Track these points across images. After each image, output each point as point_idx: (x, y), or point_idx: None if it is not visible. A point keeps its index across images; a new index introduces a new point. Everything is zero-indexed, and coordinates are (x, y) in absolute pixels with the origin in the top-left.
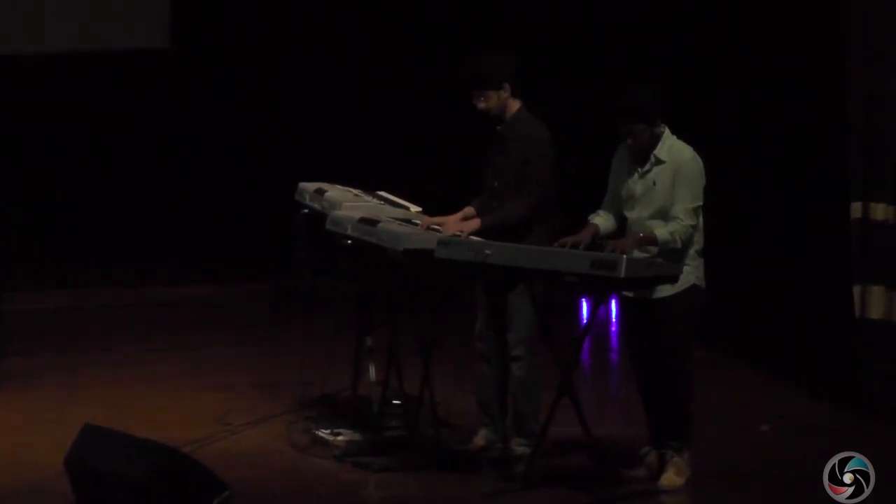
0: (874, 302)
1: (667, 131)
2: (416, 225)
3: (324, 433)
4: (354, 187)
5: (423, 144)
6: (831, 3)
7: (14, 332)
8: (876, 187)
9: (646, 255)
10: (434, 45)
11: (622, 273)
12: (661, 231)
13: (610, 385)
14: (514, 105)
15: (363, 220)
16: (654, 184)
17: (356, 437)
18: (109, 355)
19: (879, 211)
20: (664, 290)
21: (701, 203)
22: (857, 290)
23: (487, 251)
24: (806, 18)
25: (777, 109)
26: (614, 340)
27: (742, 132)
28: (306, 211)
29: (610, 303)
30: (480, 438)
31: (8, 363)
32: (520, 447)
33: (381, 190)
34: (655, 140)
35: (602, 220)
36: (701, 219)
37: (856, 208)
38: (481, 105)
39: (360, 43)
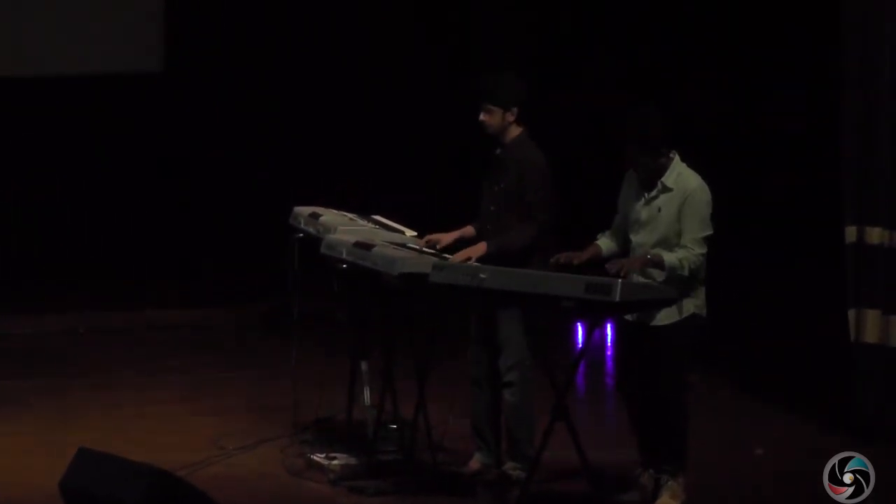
0: (869, 326)
1: (676, 159)
2: (412, 249)
3: (319, 457)
4: (349, 211)
5: (418, 166)
6: (830, 22)
7: (8, 356)
8: (871, 211)
9: (644, 279)
10: (432, 68)
11: (617, 297)
12: (670, 256)
13: (605, 409)
14: (516, 130)
15: (358, 245)
16: (660, 210)
17: (351, 460)
18: (103, 379)
19: (875, 235)
20: (665, 318)
21: (711, 232)
22: (851, 314)
23: (482, 275)
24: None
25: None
26: (609, 364)
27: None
28: (301, 235)
29: (605, 327)
30: (475, 462)
31: (1, 387)
32: (514, 471)
33: (375, 214)
34: (662, 168)
35: (606, 243)
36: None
37: (850, 232)
38: (483, 117)
39: (356, 67)
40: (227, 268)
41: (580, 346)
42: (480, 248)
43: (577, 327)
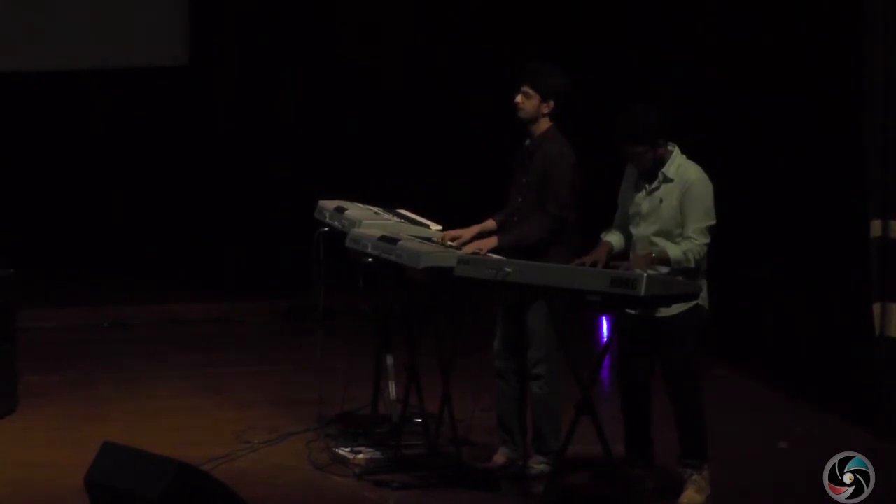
0: (894, 320)
1: (676, 150)
2: (436, 243)
3: (343, 451)
4: (374, 205)
5: (445, 160)
6: (849, 23)
7: (31, 351)
8: (895, 205)
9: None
10: (456, 60)
11: (642, 291)
12: (675, 250)
13: None
14: (546, 124)
15: (383, 238)
16: (661, 201)
17: (376, 454)
18: (127, 373)
19: None
20: (669, 309)
21: (714, 222)
22: (876, 308)
23: (507, 269)
24: (820, 28)
25: (791, 121)
26: None
27: (753, 144)
28: (326, 228)
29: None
30: (500, 456)
31: (25, 381)
32: (539, 465)
33: (401, 207)
34: (661, 160)
35: (615, 239)
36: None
37: (875, 226)
38: (517, 98)
39: (380, 57)
40: (251, 262)
41: (605, 339)
42: (491, 241)
43: (601, 321)
